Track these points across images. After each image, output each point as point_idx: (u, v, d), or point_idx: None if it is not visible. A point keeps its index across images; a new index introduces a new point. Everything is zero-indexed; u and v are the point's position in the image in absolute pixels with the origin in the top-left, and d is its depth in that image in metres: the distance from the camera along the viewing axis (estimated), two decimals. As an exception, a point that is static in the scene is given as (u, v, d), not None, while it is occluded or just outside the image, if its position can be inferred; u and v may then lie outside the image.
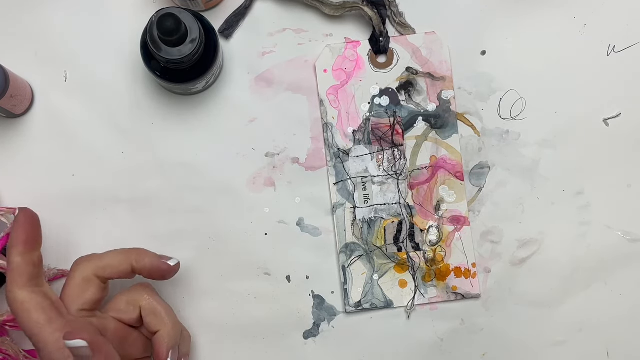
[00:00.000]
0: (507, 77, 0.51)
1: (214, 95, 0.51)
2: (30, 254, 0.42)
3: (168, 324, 0.45)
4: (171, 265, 0.45)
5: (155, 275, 0.44)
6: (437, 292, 0.50)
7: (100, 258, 0.44)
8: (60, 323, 0.40)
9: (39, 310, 0.40)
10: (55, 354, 0.39)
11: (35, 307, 0.40)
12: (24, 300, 0.40)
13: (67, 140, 0.50)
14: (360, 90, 0.51)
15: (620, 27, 0.51)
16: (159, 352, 0.44)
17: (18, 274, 0.41)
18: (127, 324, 0.45)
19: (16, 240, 0.41)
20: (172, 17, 0.42)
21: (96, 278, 0.44)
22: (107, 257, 0.44)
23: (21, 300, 0.40)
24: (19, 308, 0.40)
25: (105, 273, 0.44)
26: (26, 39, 0.50)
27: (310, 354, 0.51)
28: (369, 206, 0.51)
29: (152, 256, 0.44)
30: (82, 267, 0.44)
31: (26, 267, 0.41)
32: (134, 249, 0.45)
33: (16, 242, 0.41)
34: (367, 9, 0.50)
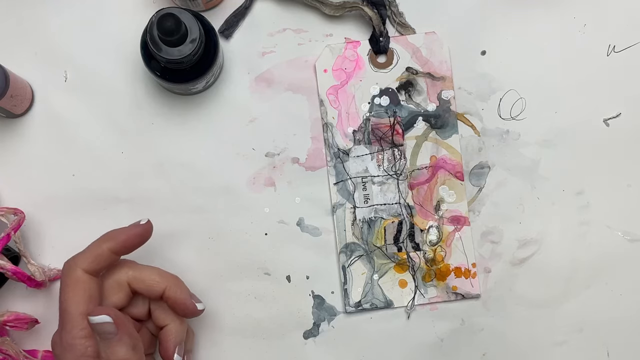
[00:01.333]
0: (507, 77, 0.51)
1: (214, 95, 0.51)
2: (115, 255, 0.43)
3: (176, 319, 0.45)
4: (198, 308, 0.45)
5: (179, 309, 0.45)
6: (437, 292, 0.50)
7: (140, 270, 0.44)
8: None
9: (84, 294, 0.42)
10: (77, 333, 0.40)
11: (83, 289, 0.42)
12: (79, 278, 0.42)
13: (67, 140, 0.50)
14: (360, 90, 0.51)
15: (620, 27, 0.51)
16: (166, 347, 0.44)
17: (93, 257, 0.42)
18: (135, 318, 0.46)
19: (119, 236, 0.43)
20: (172, 17, 0.42)
21: (128, 286, 0.44)
22: (146, 271, 0.44)
23: (77, 277, 0.42)
24: (70, 281, 0.42)
25: (138, 286, 0.44)
26: (26, 39, 0.50)
27: (311, 354, 0.51)
28: (369, 206, 0.51)
29: (185, 291, 0.45)
30: (121, 272, 0.44)
31: (104, 259, 0.43)
32: (172, 276, 0.45)
33: (117, 238, 0.43)
34: (367, 9, 0.50)
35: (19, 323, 0.47)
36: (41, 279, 0.47)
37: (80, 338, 0.41)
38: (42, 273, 0.47)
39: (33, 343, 0.50)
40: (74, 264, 0.42)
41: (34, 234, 0.50)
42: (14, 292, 0.50)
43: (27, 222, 0.49)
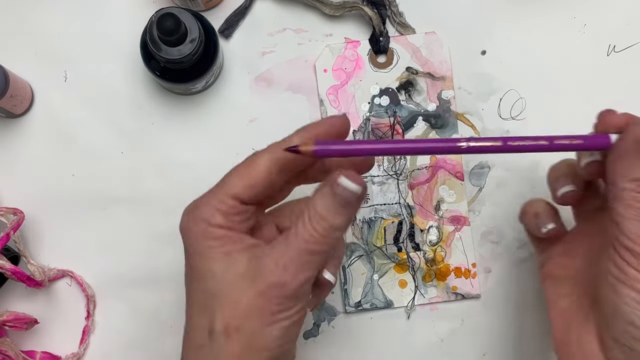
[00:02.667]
0: (507, 77, 0.51)
1: (214, 95, 0.51)
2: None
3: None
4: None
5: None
6: (437, 292, 0.50)
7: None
8: None
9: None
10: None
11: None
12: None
13: (67, 140, 0.50)
14: (360, 90, 0.51)
15: (620, 27, 0.51)
16: None
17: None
18: None
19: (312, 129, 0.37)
20: (172, 16, 0.42)
21: None
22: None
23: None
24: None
25: None
26: (26, 39, 0.50)
27: (311, 354, 0.51)
28: (369, 206, 0.50)
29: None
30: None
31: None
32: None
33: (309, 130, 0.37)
34: (367, 9, 0.50)
35: (18, 323, 0.47)
36: (41, 278, 0.47)
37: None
38: (41, 273, 0.47)
39: (32, 343, 0.50)
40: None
41: (34, 233, 0.50)
42: (14, 292, 0.50)
43: (26, 221, 0.49)
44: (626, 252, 0.34)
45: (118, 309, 0.50)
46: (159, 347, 0.50)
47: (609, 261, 0.35)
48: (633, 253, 0.34)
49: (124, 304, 0.50)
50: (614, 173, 0.35)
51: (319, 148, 0.35)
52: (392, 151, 0.37)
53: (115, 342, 0.50)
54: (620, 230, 0.34)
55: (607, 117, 0.37)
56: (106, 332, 0.50)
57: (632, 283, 0.34)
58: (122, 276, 0.50)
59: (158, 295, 0.50)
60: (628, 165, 0.35)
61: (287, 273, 0.34)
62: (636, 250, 0.34)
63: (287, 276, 0.34)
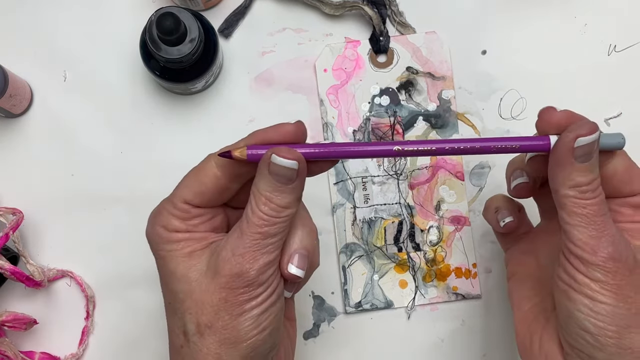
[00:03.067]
0: (508, 77, 0.51)
1: (214, 95, 0.51)
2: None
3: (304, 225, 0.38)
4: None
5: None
6: (438, 293, 0.50)
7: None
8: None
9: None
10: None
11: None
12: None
13: (66, 140, 0.50)
14: (360, 90, 0.51)
15: (621, 27, 0.51)
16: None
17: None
18: None
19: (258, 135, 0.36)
20: (172, 16, 0.42)
21: None
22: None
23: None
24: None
25: None
26: (26, 39, 0.50)
27: (311, 354, 0.50)
28: (369, 206, 0.50)
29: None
30: None
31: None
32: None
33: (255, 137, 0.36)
34: (367, 9, 0.50)
35: (17, 323, 0.47)
36: (40, 278, 0.47)
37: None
38: (41, 273, 0.47)
39: (31, 344, 0.49)
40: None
41: (33, 233, 0.50)
42: (13, 292, 0.49)
43: (26, 221, 0.49)
44: (575, 259, 0.34)
45: (117, 309, 0.50)
46: (158, 347, 0.50)
47: (559, 267, 0.35)
48: (581, 260, 0.33)
49: (124, 305, 0.50)
50: (554, 180, 0.34)
51: (252, 152, 0.35)
52: (326, 155, 0.36)
53: (115, 342, 0.50)
54: (568, 237, 0.34)
55: (546, 115, 0.36)
56: (105, 333, 0.50)
57: (582, 289, 0.33)
58: (122, 276, 0.50)
59: (158, 296, 0.49)
60: (566, 172, 0.34)
61: (245, 260, 0.33)
62: (584, 257, 0.33)
63: (245, 264, 0.33)
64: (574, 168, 0.34)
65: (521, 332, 0.39)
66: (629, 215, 0.36)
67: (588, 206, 0.33)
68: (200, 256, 0.35)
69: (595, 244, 0.33)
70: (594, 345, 0.33)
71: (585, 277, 0.33)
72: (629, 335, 0.33)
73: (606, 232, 0.33)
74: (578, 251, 0.33)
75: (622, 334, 0.33)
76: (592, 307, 0.33)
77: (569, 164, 0.34)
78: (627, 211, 0.36)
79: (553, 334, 0.36)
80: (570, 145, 0.33)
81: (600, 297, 0.33)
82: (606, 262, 0.33)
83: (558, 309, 0.35)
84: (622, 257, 0.33)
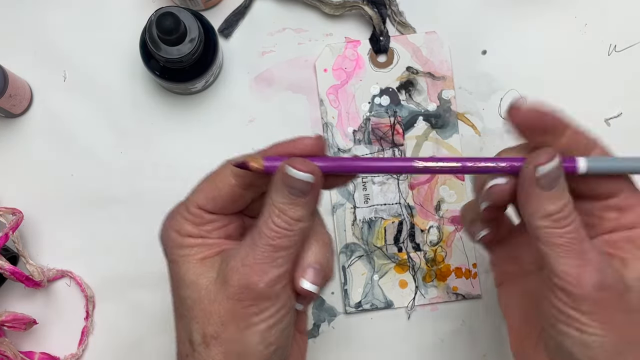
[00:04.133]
0: (508, 77, 0.51)
1: (214, 95, 0.51)
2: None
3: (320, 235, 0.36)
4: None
5: None
6: (438, 293, 0.50)
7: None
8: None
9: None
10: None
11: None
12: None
13: (66, 140, 0.50)
14: (360, 90, 0.51)
15: (621, 27, 0.51)
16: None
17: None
18: None
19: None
20: (171, 16, 0.42)
21: None
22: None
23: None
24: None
25: None
26: (25, 39, 0.50)
27: (311, 354, 0.50)
28: (369, 206, 0.50)
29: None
30: None
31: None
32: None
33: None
34: (367, 8, 0.50)
35: (16, 323, 0.47)
36: (40, 279, 0.47)
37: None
38: (40, 273, 0.47)
39: (31, 344, 0.49)
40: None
41: (33, 233, 0.50)
42: (12, 292, 0.49)
43: (25, 221, 0.49)
44: (560, 292, 0.32)
45: (117, 309, 0.50)
46: (158, 348, 0.50)
47: (545, 300, 0.33)
48: (567, 293, 0.31)
49: (123, 305, 0.50)
50: (524, 212, 0.33)
51: (269, 164, 0.34)
52: (343, 169, 0.35)
53: (114, 343, 0.50)
54: (550, 269, 0.32)
55: (513, 117, 0.34)
56: (105, 333, 0.50)
57: (571, 322, 0.32)
58: (122, 276, 0.50)
59: (157, 296, 0.50)
60: (535, 202, 0.32)
61: (253, 272, 0.32)
62: (569, 290, 0.31)
63: (254, 276, 0.32)
64: (541, 198, 0.32)
65: (514, 345, 0.37)
66: (614, 219, 0.33)
67: (564, 235, 0.31)
68: (212, 263, 0.34)
69: (579, 273, 0.31)
70: None
71: (572, 310, 0.31)
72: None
73: (589, 259, 0.31)
74: (562, 284, 0.31)
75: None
76: (581, 339, 0.31)
77: (535, 194, 0.32)
78: (611, 214, 0.33)
79: (542, 353, 0.35)
80: (531, 175, 0.32)
81: (589, 329, 0.31)
82: (592, 293, 0.31)
83: (547, 337, 0.34)
84: (609, 285, 0.31)
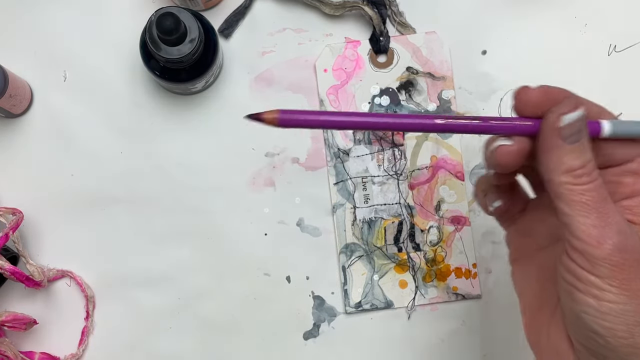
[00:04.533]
0: (508, 77, 0.51)
1: (214, 95, 0.51)
2: None
3: None
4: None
5: None
6: (438, 293, 0.50)
7: None
8: None
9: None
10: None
11: None
12: None
13: (66, 140, 0.50)
14: (360, 90, 0.51)
15: (621, 27, 0.51)
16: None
17: None
18: None
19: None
20: (172, 16, 0.42)
21: None
22: None
23: None
24: None
25: None
26: (25, 39, 0.50)
27: (311, 354, 0.50)
28: (369, 206, 0.50)
29: None
30: None
31: None
32: None
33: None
34: (367, 9, 0.50)
35: (17, 323, 0.47)
36: (40, 279, 0.47)
37: None
38: (40, 273, 0.47)
39: (31, 344, 0.49)
40: None
41: (33, 233, 0.50)
42: (13, 293, 0.49)
43: (25, 222, 0.49)
44: (578, 255, 0.30)
45: (117, 309, 0.50)
46: (158, 348, 0.50)
47: (561, 266, 0.32)
48: (585, 255, 0.30)
49: (123, 305, 0.50)
50: (545, 169, 0.31)
51: (282, 117, 0.31)
52: (363, 125, 0.33)
53: (115, 342, 0.50)
54: (569, 230, 0.31)
55: (522, 95, 0.32)
56: (105, 333, 0.50)
57: (588, 289, 0.30)
58: (122, 276, 0.50)
59: (157, 296, 0.50)
60: (555, 156, 0.31)
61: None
62: (588, 252, 0.30)
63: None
64: (564, 151, 0.31)
65: (528, 323, 0.36)
66: (630, 184, 0.32)
67: (586, 192, 0.30)
68: None
69: (599, 234, 0.30)
70: (605, 346, 0.31)
71: (590, 275, 0.30)
72: None
73: (610, 219, 0.30)
74: (581, 245, 0.30)
75: (634, 332, 0.30)
76: (598, 308, 0.30)
77: (557, 147, 0.31)
78: (628, 179, 0.32)
79: (561, 328, 0.33)
80: (555, 125, 0.31)
81: (607, 295, 0.30)
82: (612, 255, 0.30)
83: (563, 308, 0.33)
84: (631, 247, 0.30)
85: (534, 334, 0.36)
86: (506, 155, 0.32)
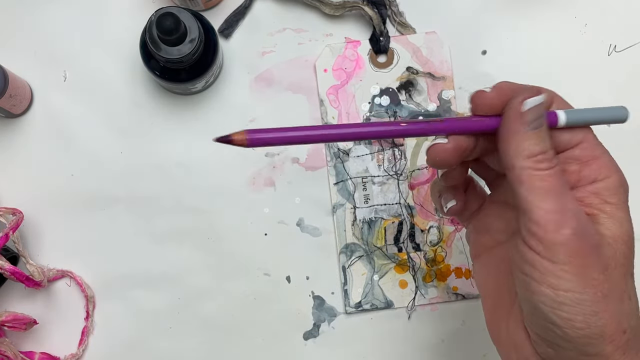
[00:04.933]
0: (508, 77, 0.50)
1: (214, 95, 0.51)
2: None
3: None
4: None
5: None
6: (438, 293, 0.50)
7: None
8: None
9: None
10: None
11: None
12: None
13: (66, 140, 0.50)
14: (360, 90, 0.51)
15: (621, 27, 0.51)
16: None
17: None
18: None
19: None
20: (172, 16, 0.42)
21: None
22: None
23: None
24: None
25: None
26: (26, 39, 0.50)
27: (311, 354, 0.50)
28: (369, 206, 0.50)
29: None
30: None
31: None
32: None
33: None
34: (368, 9, 0.50)
35: (17, 324, 0.47)
36: (40, 279, 0.47)
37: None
38: (40, 273, 0.47)
39: (31, 344, 0.49)
40: None
41: (33, 233, 0.50)
42: (13, 293, 0.49)
43: (25, 222, 0.49)
44: (535, 241, 0.30)
45: (117, 309, 0.50)
46: (158, 348, 0.50)
47: (517, 255, 0.31)
48: (542, 241, 0.30)
49: (123, 305, 0.50)
50: (506, 154, 0.31)
51: (251, 137, 0.31)
52: (330, 137, 0.33)
53: (115, 342, 0.50)
54: (527, 215, 0.30)
55: (478, 99, 0.33)
56: (105, 333, 0.50)
57: (544, 279, 0.30)
58: (122, 276, 0.50)
59: (157, 296, 0.50)
60: (518, 141, 0.31)
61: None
62: (545, 238, 0.30)
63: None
64: (525, 136, 0.31)
65: (489, 318, 0.36)
66: (576, 172, 0.33)
67: (546, 178, 0.30)
68: None
69: (558, 219, 0.30)
70: (563, 337, 0.31)
71: (547, 261, 0.30)
72: (599, 322, 0.30)
73: (569, 206, 0.30)
74: (539, 231, 0.30)
75: (590, 322, 0.30)
76: (555, 298, 0.30)
77: (519, 132, 0.31)
78: (573, 167, 0.33)
79: (519, 321, 0.34)
80: (518, 109, 0.31)
81: (563, 284, 0.30)
82: (570, 240, 0.30)
83: (520, 300, 0.33)
84: (586, 234, 0.30)
85: (494, 328, 0.36)
86: (442, 153, 0.33)
